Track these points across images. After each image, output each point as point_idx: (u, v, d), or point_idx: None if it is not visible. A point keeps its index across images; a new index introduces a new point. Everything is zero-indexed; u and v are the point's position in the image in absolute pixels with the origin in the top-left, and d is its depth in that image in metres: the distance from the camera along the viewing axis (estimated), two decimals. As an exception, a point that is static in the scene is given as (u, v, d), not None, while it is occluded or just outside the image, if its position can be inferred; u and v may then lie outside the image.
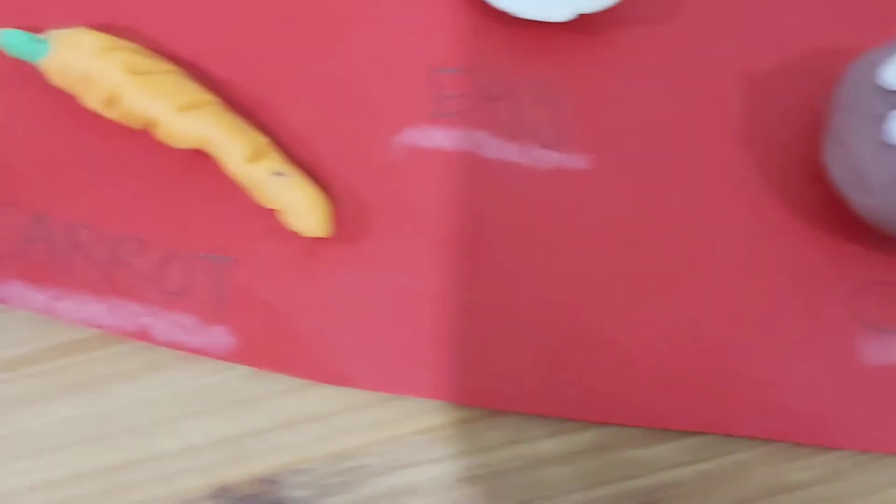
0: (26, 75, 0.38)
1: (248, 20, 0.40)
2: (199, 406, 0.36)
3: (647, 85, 0.39)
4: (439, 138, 0.38)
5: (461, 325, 0.36)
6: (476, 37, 0.40)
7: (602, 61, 0.39)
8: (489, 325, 0.36)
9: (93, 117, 0.37)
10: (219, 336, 0.36)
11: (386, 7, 0.40)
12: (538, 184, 0.38)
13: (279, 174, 0.36)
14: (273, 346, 0.36)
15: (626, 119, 0.38)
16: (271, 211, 0.36)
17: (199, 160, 0.37)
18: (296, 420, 0.35)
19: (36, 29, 0.39)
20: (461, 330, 0.36)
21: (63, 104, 0.37)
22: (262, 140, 0.36)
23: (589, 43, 0.40)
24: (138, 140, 0.37)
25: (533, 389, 0.36)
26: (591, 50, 0.40)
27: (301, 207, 0.36)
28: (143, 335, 0.36)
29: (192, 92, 0.37)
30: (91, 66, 0.36)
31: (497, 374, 0.36)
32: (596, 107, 0.39)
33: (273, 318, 0.36)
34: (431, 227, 0.37)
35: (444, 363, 0.36)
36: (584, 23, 0.40)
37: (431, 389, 0.36)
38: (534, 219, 0.37)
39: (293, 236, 0.37)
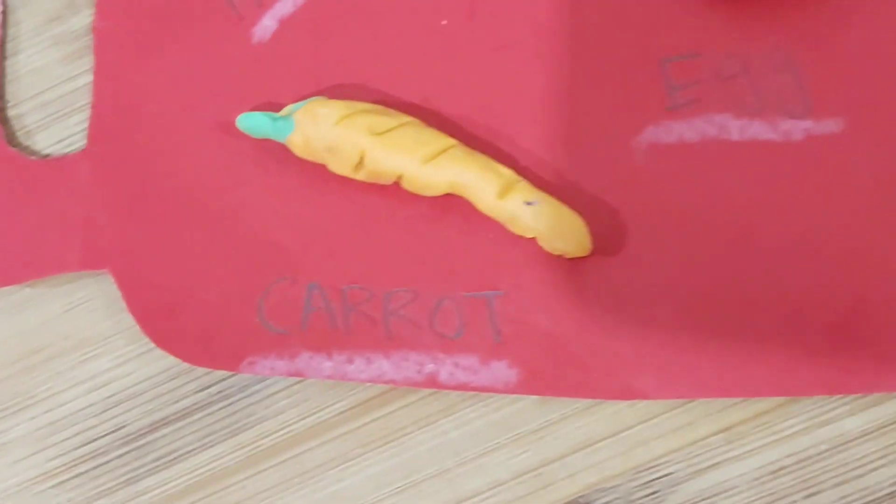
0: (273, 152, 0.40)
1: (465, 51, 0.40)
2: (496, 441, 0.36)
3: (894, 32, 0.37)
4: (680, 131, 0.38)
5: (739, 317, 0.35)
6: (699, 18, 0.38)
7: (838, 16, 0.37)
8: (767, 312, 0.35)
9: (343, 181, 0.39)
10: (501, 371, 0.36)
11: (603, 5, 0.39)
12: (792, 157, 0.36)
13: (530, 203, 0.36)
14: (555, 372, 0.36)
15: (875, 72, 0.36)
16: (530, 240, 0.37)
17: (451, 201, 0.38)
18: (591, 440, 0.36)
19: (271, 105, 0.40)
20: (739, 321, 0.35)
21: (314, 174, 0.39)
22: (507, 173, 0.37)
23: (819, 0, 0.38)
24: (390, 194, 0.38)
25: (825, 369, 0.34)
26: (823, 7, 0.37)
27: (558, 231, 0.36)
28: (430, 382, 0.37)
29: (434, 140, 0.37)
30: (334, 136, 0.37)
31: (785, 361, 0.34)
32: (840, 64, 0.37)
33: (550, 344, 0.36)
34: (690, 223, 0.36)
35: (729, 358, 0.35)
36: (807, -20, 0.38)
37: (721, 387, 0.35)
38: (792, 194, 0.36)
39: (555, 260, 0.37)
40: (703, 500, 0.35)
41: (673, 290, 0.36)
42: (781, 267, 0.36)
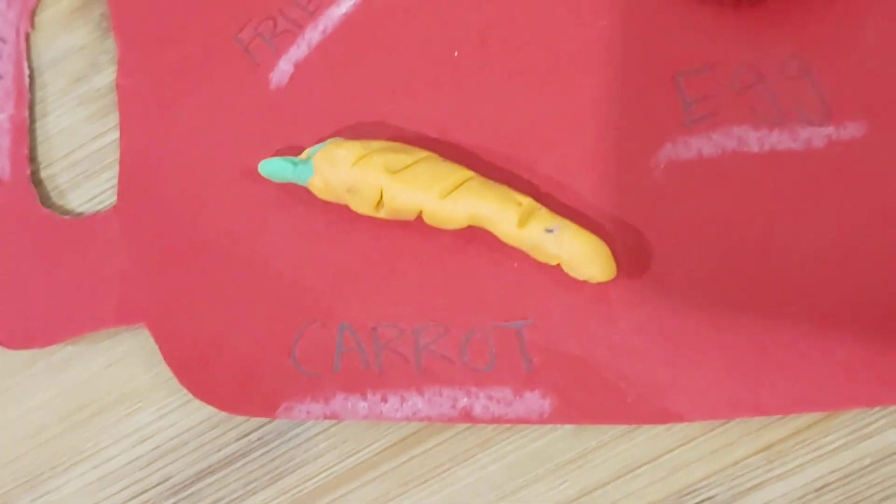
0: (297, 195, 0.40)
1: (478, 80, 0.40)
2: (534, 473, 0.36)
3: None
4: (698, 146, 0.37)
5: (771, 332, 0.35)
6: (709, 31, 0.38)
7: (850, 17, 0.37)
8: (799, 325, 0.35)
9: (366, 220, 0.39)
10: (535, 401, 0.36)
11: (612, 25, 0.39)
12: (815, 165, 0.36)
13: (551, 230, 0.36)
14: (588, 399, 0.36)
15: (894, 72, 0.36)
16: (555, 267, 0.37)
17: (474, 233, 0.38)
18: (630, 466, 0.36)
19: (293, 149, 0.41)
20: (771, 336, 0.35)
21: (337, 215, 0.39)
22: (526, 201, 0.37)
23: (830, 3, 0.37)
24: (413, 230, 0.39)
25: (863, 381, 0.34)
26: (833, 10, 0.37)
27: (581, 257, 0.36)
28: (465, 417, 0.37)
29: (450, 174, 0.37)
30: (353, 177, 0.38)
31: (821, 374, 0.34)
32: (856, 67, 0.36)
33: (582, 371, 0.36)
34: (715, 240, 0.36)
35: (763, 375, 0.35)
36: (819, -17, 0.37)
37: (757, 405, 0.34)
38: (817, 202, 0.35)
39: (581, 285, 0.36)
40: (747, 522, 0.34)
41: (702, 309, 0.36)
42: (811, 278, 0.35)
